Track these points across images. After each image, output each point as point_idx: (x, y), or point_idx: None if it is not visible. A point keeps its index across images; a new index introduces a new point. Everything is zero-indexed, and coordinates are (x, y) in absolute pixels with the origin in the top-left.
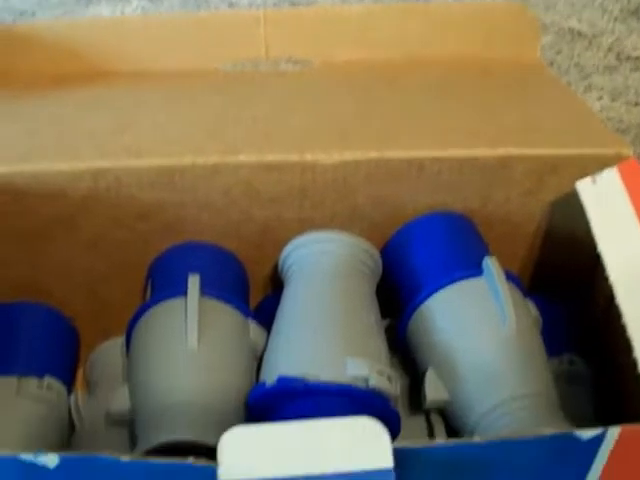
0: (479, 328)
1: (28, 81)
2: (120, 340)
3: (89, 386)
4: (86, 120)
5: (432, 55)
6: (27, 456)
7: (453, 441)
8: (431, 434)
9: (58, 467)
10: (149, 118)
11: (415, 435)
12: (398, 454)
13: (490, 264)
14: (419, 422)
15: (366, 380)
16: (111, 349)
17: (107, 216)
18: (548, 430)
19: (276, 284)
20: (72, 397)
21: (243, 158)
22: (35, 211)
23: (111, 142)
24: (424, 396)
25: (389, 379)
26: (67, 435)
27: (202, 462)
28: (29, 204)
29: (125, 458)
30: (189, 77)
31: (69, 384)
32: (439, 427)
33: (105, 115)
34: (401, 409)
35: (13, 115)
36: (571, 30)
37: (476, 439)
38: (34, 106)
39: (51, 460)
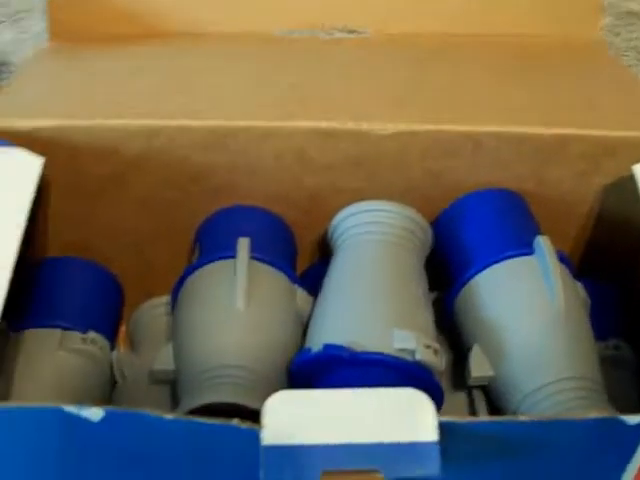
0: (527, 307)
1: (85, 38)
2: (164, 299)
3: (132, 344)
4: (141, 79)
5: (491, 30)
6: (71, 409)
7: (498, 418)
8: (473, 411)
9: (102, 420)
10: (204, 79)
11: (457, 411)
12: (443, 428)
13: (542, 243)
14: (461, 398)
15: (412, 353)
16: (155, 308)
17: (158, 176)
18: (594, 413)
19: (323, 252)
20: (114, 353)
21: (298, 123)
22: (87, 168)
23: (166, 101)
24: (468, 372)
25: (435, 353)
26: (108, 391)
27: (247, 425)
28: (82, 160)
29: (169, 416)
30: (245, 41)
31: (112, 340)
32: (481, 404)
33: (160, 75)
34: (444, 384)
35: (69, 70)
36: (630, 12)
37: (521, 417)
38: (90, 63)
39: (95, 413)
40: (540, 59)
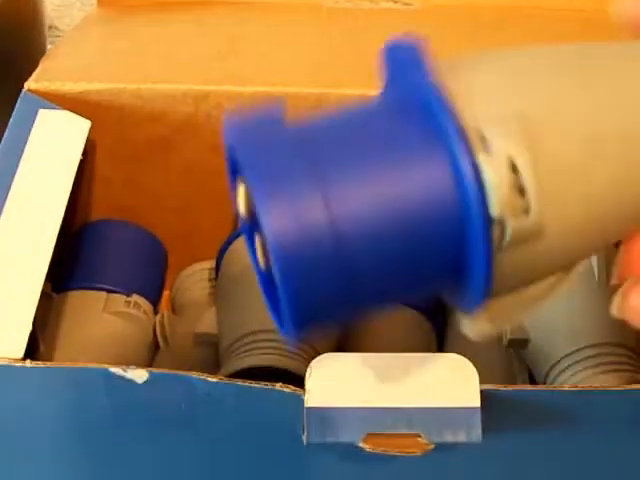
0: None
1: (131, 5)
2: (208, 264)
3: (175, 309)
4: (189, 45)
5: (541, 4)
6: (116, 370)
7: (540, 387)
8: (513, 377)
9: (146, 382)
10: (253, 47)
11: (498, 375)
12: (485, 395)
13: None
14: (503, 364)
15: None
16: (199, 273)
17: (205, 142)
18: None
19: None
20: (158, 317)
21: (347, 91)
22: (134, 132)
23: (214, 67)
24: (505, 335)
25: None
26: (151, 354)
27: (290, 389)
28: (129, 124)
29: (213, 379)
30: (292, 9)
31: (155, 304)
32: (522, 373)
33: (208, 41)
34: (486, 349)
35: (117, 35)
36: None
37: (565, 387)
38: (138, 29)
39: (140, 375)
40: (602, 33)
